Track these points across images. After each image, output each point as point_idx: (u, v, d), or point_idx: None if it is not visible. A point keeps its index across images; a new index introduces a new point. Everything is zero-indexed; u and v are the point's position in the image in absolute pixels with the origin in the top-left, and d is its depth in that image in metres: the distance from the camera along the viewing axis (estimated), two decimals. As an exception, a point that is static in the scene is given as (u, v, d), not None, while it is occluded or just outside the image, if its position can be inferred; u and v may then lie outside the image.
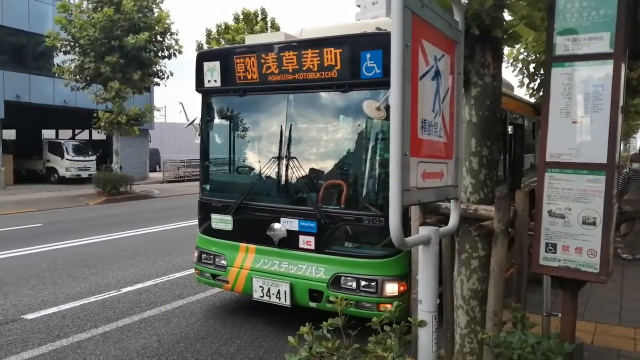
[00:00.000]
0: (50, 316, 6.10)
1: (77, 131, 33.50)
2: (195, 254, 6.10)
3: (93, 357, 4.96)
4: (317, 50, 4.93)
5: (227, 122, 6.15)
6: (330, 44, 4.88)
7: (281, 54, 5.15)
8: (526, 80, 10.25)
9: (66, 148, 26.61)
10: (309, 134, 5.59)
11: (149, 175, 31.41)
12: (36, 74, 24.07)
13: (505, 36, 3.36)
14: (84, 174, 26.01)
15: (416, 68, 2.30)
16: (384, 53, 4.56)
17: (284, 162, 5.42)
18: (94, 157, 27.37)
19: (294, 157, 5.38)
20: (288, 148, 5.43)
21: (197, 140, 6.50)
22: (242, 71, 5.44)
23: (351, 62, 4.81)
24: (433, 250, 2.51)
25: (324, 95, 5.31)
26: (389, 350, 2.36)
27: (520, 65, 10.05)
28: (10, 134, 29.65)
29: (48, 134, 32.72)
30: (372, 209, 4.98)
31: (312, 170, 5.43)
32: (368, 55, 4.67)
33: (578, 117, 3.06)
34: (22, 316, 6.09)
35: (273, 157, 5.49)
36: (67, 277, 7.83)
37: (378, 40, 4.66)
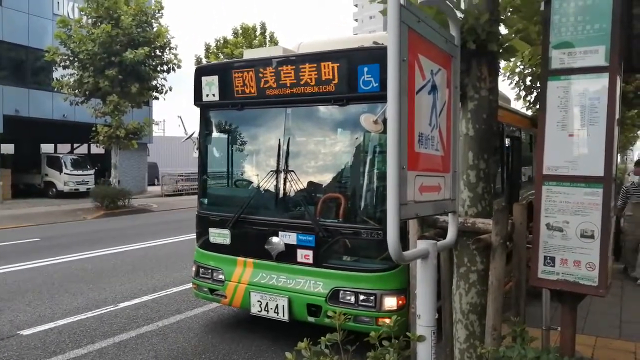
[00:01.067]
0: (47, 332, 6.05)
1: (75, 145, 33.49)
2: (193, 269, 6.07)
3: (89, 374, 4.92)
4: (315, 65, 4.96)
5: (225, 136, 6.16)
6: (328, 58, 4.91)
7: (279, 68, 5.18)
8: (523, 93, 10.28)
9: (64, 162, 26.56)
10: (306, 148, 5.59)
11: (148, 189, 31.36)
12: (35, 89, 24.10)
13: (501, 50, 3.39)
14: (82, 188, 25.90)
15: (413, 82, 2.31)
16: (380, 67, 4.58)
17: (282, 175, 5.42)
18: (92, 171, 27.28)
19: (292, 171, 5.38)
20: (286, 162, 5.43)
21: (195, 154, 6.50)
22: (240, 85, 5.46)
23: (348, 76, 4.83)
24: (431, 264, 2.50)
25: (321, 109, 5.33)
26: (387, 365, 2.34)
27: (516, 78, 10.10)
28: (8, 149, 29.63)
29: (47, 148, 32.68)
30: (370, 222, 4.97)
31: (310, 183, 5.43)
32: (365, 69, 4.69)
33: (574, 130, 3.07)
34: (18, 332, 6.04)
35: (271, 171, 5.49)
36: (64, 292, 7.78)
37: (375, 55, 4.69)
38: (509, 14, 3.53)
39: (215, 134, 6.25)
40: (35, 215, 18.50)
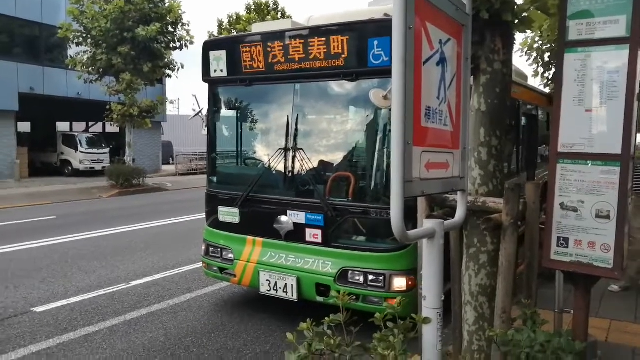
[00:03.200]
0: (59, 309, 6.09)
1: (90, 124, 33.71)
2: (203, 247, 6.05)
3: (100, 351, 4.93)
4: (324, 38, 4.81)
5: (234, 113, 6.06)
6: (337, 32, 4.76)
7: (287, 43, 5.04)
8: (541, 70, 10.01)
9: (80, 141, 26.76)
10: (316, 125, 5.48)
11: (162, 167, 31.55)
12: (49, 66, 24.15)
13: (516, 21, 3.23)
14: (98, 167, 26.12)
15: (419, 52, 2.19)
16: (391, 40, 4.42)
17: (291, 153, 5.32)
18: (107, 150, 27.48)
19: (301, 149, 5.28)
20: (295, 139, 5.33)
21: (204, 132, 6.43)
22: (249, 60, 5.33)
23: (358, 50, 4.68)
24: (438, 244, 2.40)
25: (331, 84, 5.19)
26: (390, 348, 2.27)
27: (534, 54, 9.82)
28: (25, 127, 29.91)
29: (62, 126, 32.92)
30: (379, 201, 4.87)
31: (319, 162, 5.33)
32: (375, 43, 4.54)
33: (592, 106, 2.93)
34: (32, 309, 6.09)
35: (280, 149, 5.39)
36: (77, 270, 7.84)
37: (385, 27, 4.51)
38: (525, -18, 3.36)
39: (223, 111, 6.15)
40: (51, 193, 18.72)
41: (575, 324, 3.12)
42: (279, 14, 28.19)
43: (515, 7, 3.16)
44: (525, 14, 3.25)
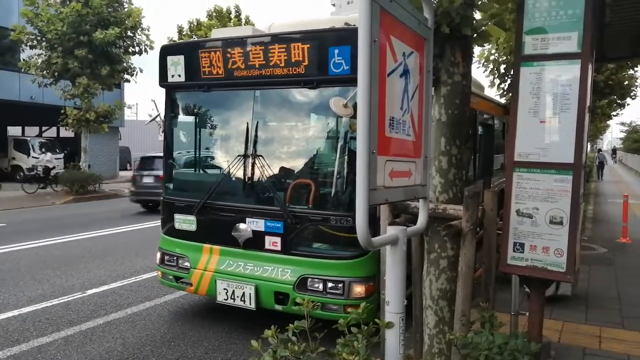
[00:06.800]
0: (10, 320, 5.87)
1: (44, 128, 32.61)
2: (158, 256, 5.91)
3: (53, 362, 4.79)
4: (284, 46, 4.82)
5: (192, 119, 5.96)
6: (298, 39, 4.77)
7: (248, 49, 5.03)
8: (497, 81, 10.36)
9: (32, 146, 25.90)
10: (276, 132, 5.47)
11: (119, 173, 30.80)
12: (0, 69, 23.27)
13: (475, 35, 3.35)
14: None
15: (384, 64, 2.24)
16: (352, 49, 4.47)
17: (250, 160, 5.29)
18: (61, 155, 26.67)
19: (260, 155, 5.25)
20: (254, 146, 5.30)
21: (161, 137, 6.33)
22: (207, 66, 5.29)
23: (319, 58, 4.70)
24: (401, 250, 2.45)
25: (291, 91, 5.19)
26: (355, 353, 2.30)
27: (491, 65, 10.16)
28: (-27, 131, 28.73)
29: (14, 131, 31.76)
30: (339, 208, 4.91)
31: (279, 169, 5.31)
32: (336, 51, 4.58)
33: (546, 117, 3.07)
34: (-20, 320, 5.86)
35: (239, 155, 5.35)
36: (29, 279, 7.57)
37: (346, 36, 4.58)
38: (484, -2, 3.49)
39: (181, 116, 6.04)
40: (1, 200, 17.99)
41: (530, 325, 3.23)
42: (242, 21, 28.08)
43: (474, 22, 3.28)
44: (483, 29, 3.37)
